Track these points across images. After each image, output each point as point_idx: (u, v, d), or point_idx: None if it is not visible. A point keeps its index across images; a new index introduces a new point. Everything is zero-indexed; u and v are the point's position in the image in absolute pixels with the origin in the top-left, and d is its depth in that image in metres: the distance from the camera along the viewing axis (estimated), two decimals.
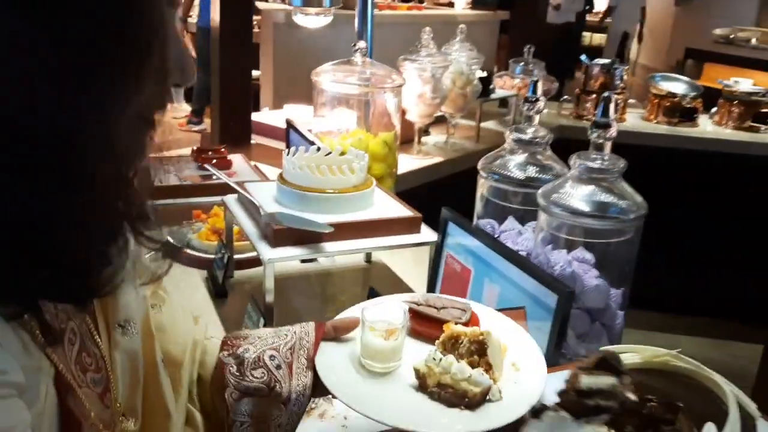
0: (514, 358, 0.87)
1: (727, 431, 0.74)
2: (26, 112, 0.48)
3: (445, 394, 0.78)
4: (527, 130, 1.20)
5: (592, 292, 1.05)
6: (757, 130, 3.39)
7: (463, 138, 2.86)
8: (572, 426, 0.74)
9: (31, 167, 0.50)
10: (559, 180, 1.09)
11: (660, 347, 0.88)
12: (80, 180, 0.52)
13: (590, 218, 1.05)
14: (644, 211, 1.05)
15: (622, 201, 1.05)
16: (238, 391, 0.80)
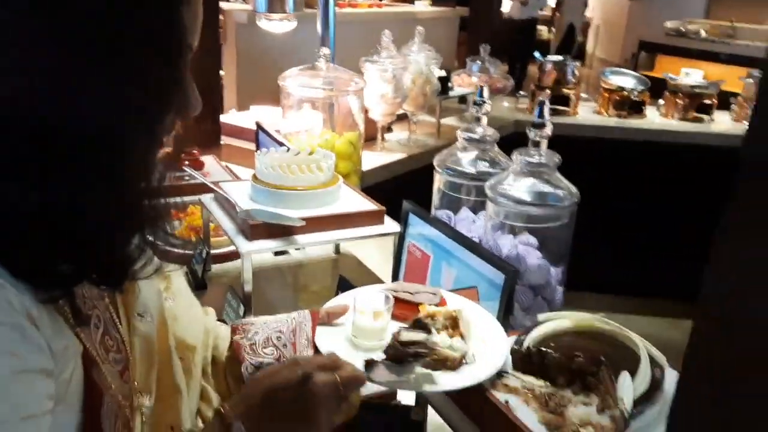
0: (479, 329, 1.01)
1: (638, 377, 0.90)
2: (69, 116, 0.59)
3: (429, 360, 0.92)
4: (476, 130, 1.34)
5: (535, 271, 1.20)
6: (701, 120, 3.60)
7: (424, 134, 3.00)
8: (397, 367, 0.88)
9: (69, 164, 0.60)
10: (503, 174, 1.24)
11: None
12: (112, 177, 0.63)
13: (531, 206, 1.20)
14: (577, 199, 1.20)
15: (558, 190, 1.20)
16: (253, 366, 0.93)
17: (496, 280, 1.19)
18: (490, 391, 0.93)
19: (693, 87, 3.66)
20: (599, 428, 0.87)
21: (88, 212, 0.62)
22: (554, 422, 0.88)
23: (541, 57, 3.66)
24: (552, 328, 1.01)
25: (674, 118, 3.66)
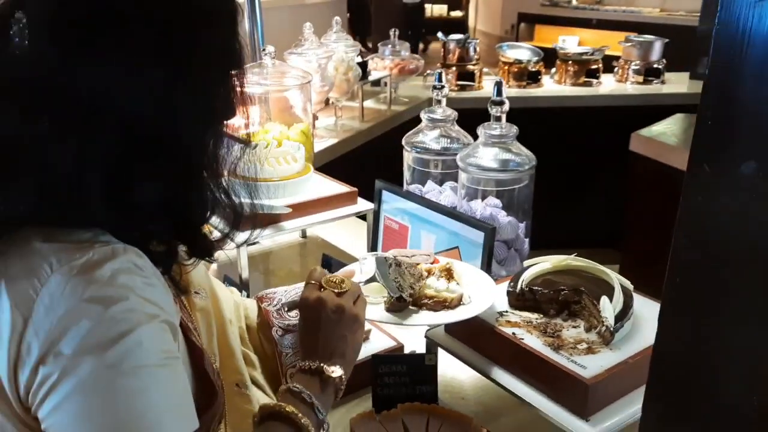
0: (470, 278, 1.21)
1: (615, 300, 1.11)
2: (175, 130, 0.73)
3: (431, 303, 1.11)
4: (437, 111, 1.52)
5: (507, 227, 1.40)
6: (590, 84, 3.96)
7: (349, 119, 3.16)
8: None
9: (172, 169, 0.74)
10: (471, 146, 1.43)
11: None
12: (201, 177, 0.77)
13: (497, 172, 1.40)
14: (534, 162, 1.41)
15: (518, 157, 1.40)
16: (281, 329, 1.07)
17: (476, 239, 1.38)
18: (497, 328, 1.13)
19: (581, 54, 4.00)
20: (590, 342, 1.08)
21: (193, 201, 0.77)
22: (555, 344, 1.08)
23: (443, 36, 3.88)
24: (537, 271, 1.22)
25: (567, 84, 4.00)
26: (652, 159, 2.83)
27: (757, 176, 0.68)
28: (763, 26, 0.64)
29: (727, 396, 0.76)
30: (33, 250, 0.66)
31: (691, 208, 0.78)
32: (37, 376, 0.64)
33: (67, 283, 0.64)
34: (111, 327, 0.64)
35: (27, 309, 0.64)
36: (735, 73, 0.69)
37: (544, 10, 8.58)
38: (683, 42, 4.33)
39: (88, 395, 0.63)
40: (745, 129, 0.69)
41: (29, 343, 0.64)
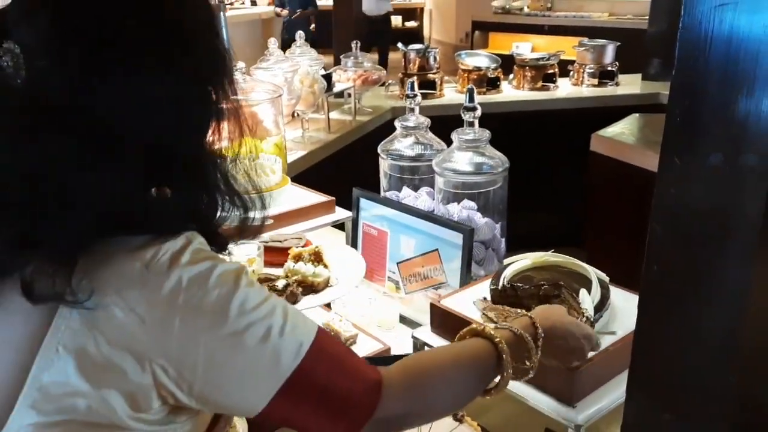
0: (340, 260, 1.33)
1: (593, 292, 1.17)
2: (185, 141, 0.75)
3: (299, 287, 1.21)
4: (410, 119, 1.57)
5: (484, 228, 1.45)
6: (547, 88, 4.06)
7: (315, 130, 3.19)
8: None
9: (187, 174, 0.76)
10: (446, 151, 1.48)
11: None
12: (208, 179, 0.79)
13: (473, 175, 1.45)
14: (507, 165, 1.46)
15: (491, 160, 1.46)
16: None
17: (455, 240, 1.43)
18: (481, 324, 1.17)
19: (537, 60, 4.10)
20: None
21: (209, 200, 0.79)
22: None
23: (404, 47, 3.94)
24: (517, 268, 1.27)
25: (525, 89, 4.10)
26: (612, 158, 2.93)
27: (724, 167, 0.74)
28: (723, 29, 0.70)
29: (706, 376, 0.81)
30: (116, 260, 0.68)
31: (664, 200, 0.83)
32: (170, 371, 0.68)
33: (165, 278, 0.68)
34: (219, 296, 0.69)
35: (140, 311, 0.67)
36: (699, 72, 0.75)
37: (497, 17, 8.74)
38: (632, 45, 4.47)
39: (232, 358, 0.69)
40: (711, 124, 0.75)
41: (151, 342, 0.67)
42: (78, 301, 0.65)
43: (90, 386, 0.66)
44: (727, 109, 0.73)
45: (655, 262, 0.84)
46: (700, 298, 0.79)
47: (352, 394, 0.75)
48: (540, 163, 3.86)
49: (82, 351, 0.66)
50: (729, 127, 0.72)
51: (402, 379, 0.81)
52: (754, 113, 0.69)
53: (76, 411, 0.67)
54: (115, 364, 0.66)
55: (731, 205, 0.73)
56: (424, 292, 1.51)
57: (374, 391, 0.76)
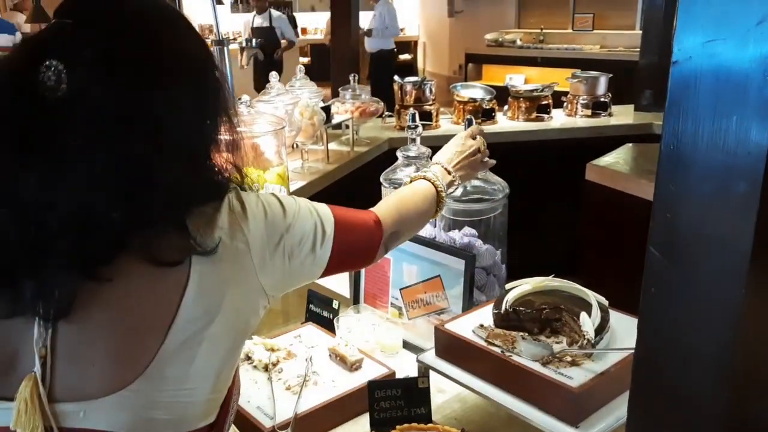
0: None
1: (593, 315, 1.21)
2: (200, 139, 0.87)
3: None
4: (412, 149, 1.61)
5: (485, 254, 1.49)
6: (542, 119, 4.13)
7: (314, 161, 3.24)
8: None
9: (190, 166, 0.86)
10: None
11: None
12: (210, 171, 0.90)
13: (474, 202, 1.49)
14: (507, 191, 1.51)
15: (492, 186, 1.50)
16: None
17: (456, 267, 1.46)
18: (486, 347, 1.20)
19: (531, 91, 4.18)
20: (573, 355, 1.16)
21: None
22: (543, 359, 1.16)
23: (400, 79, 4.02)
24: (519, 293, 1.30)
25: (520, 120, 4.17)
26: (606, 186, 2.98)
27: (716, 194, 0.78)
28: (713, 63, 0.75)
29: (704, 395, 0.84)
30: (209, 218, 0.86)
31: (660, 225, 0.87)
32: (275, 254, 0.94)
33: (245, 217, 0.90)
34: (276, 203, 0.96)
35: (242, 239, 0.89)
36: (691, 104, 0.80)
37: (490, 50, 8.88)
38: (624, 76, 4.56)
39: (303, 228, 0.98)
40: (703, 153, 0.79)
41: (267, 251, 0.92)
42: (206, 248, 0.83)
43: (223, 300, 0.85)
44: (719, 138, 0.77)
45: (652, 285, 0.88)
46: (696, 320, 0.83)
47: (367, 235, 1.12)
48: (536, 192, 3.91)
49: (215, 282, 0.85)
50: (720, 156, 0.77)
51: (389, 214, 1.17)
52: (743, 142, 0.74)
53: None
54: (236, 282, 0.87)
55: (723, 230, 0.77)
56: (426, 317, 1.54)
57: (378, 228, 1.13)
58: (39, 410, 0.77)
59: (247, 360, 1.44)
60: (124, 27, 0.82)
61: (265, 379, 1.37)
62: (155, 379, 0.80)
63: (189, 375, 0.83)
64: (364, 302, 1.71)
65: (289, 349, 1.48)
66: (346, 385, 1.34)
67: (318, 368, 1.41)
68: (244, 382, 1.36)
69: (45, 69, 0.76)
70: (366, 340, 1.53)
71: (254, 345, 1.46)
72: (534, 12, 9.17)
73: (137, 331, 0.81)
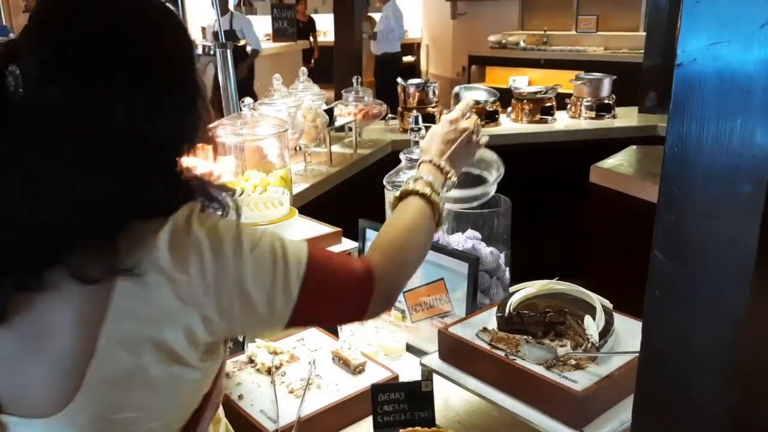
0: None
1: (597, 318, 1.20)
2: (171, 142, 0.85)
3: None
4: (415, 151, 1.61)
5: (489, 257, 1.48)
6: (545, 121, 4.13)
7: (317, 164, 3.24)
8: None
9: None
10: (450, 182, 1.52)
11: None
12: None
13: (477, 207, 1.49)
14: (509, 203, 1.50)
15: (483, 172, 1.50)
16: None
17: (459, 270, 1.46)
18: (490, 350, 1.20)
19: (535, 93, 4.18)
20: (577, 359, 1.16)
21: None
22: (547, 362, 1.16)
23: (403, 82, 4.02)
24: (522, 296, 1.30)
25: (523, 121, 4.16)
26: (610, 189, 2.97)
27: (721, 195, 0.78)
28: (717, 65, 0.74)
29: (708, 396, 0.84)
30: (146, 238, 0.80)
31: (664, 227, 0.87)
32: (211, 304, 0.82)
33: (188, 238, 0.82)
34: (231, 236, 0.84)
35: (176, 269, 0.80)
36: (696, 106, 0.79)
37: (493, 52, 8.88)
38: (628, 78, 4.55)
39: (254, 275, 0.84)
40: (708, 155, 0.79)
41: (199, 285, 0.81)
42: (130, 271, 0.77)
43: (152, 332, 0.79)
44: (723, 140, 0.77)
45: (657, 288, 0.87)
46: (700, 322, 0.82)
47: (348, 285, 0.93)
48: (540, 194, 3.90)
49: (141, 310, 0.78)
50: (725, 158, 0.76)
51: (385, 258, 0.99)
52: (748, 144, 0.73)
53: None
54: (166, 315, 0.79)
55: (728, 233, 0.77)
56: (430, 320, 1.54)
57: (368, 277, 0.94)
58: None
59: (249, 363, 1.44)
60: (88, 29, 0.78)
61: (268, 382, 1.37)
62: (93, 400, 0.78)
63: (128, 399, 0.80)
64: None
65: (292, 352, 1.48)
66: (349, 389, 1.34)
67: (321, 371, 1.40)
68: (246, 386, 1.36)
69: (9, 74, 0.77)
70: (369, 343, 1.53)
71: (257, 348, 1.46)
72: (537, 14, 9.17)
73: (68, 348, 0.78)
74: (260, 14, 9.03)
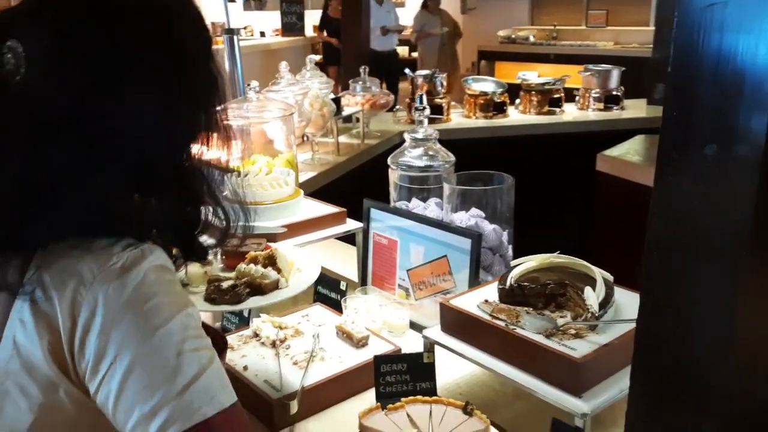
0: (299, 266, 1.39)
1: (597, 290, 1.21)
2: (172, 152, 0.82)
3: (247, 288, 1.27)
4: (419, 131, 1.62)
5: (491, 234, 1.49)
6: (554, 113, 4.13)
7: (325, 153, 3.25)
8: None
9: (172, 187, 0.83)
10: (454, 162, 1.53)
11: None
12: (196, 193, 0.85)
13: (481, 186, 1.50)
14: (512, 180, 1.51)
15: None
16: None
17: (463, 246, 1.47)
18: (491, 321, 1.21)
19: (543, 85, 4.18)
20: (577, 328, 1.17)
21: (193, 211, 0.85)
22: (547, 332, 1.17)
23: (411, 73, 4.03)
24: (524, 269, 1.31)
25: (531, 113, 4.16)
26: (617, 177, 2.97)
27: (718, 157, 0.78)
28: (715, 28, 0.75)
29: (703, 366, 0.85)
30: (75, 260, 0.73)
31: (663, 191, 0.88)
32: (89, 369, 0.72)
33: (108, 286, 0.72)
34: (148, 321, 0.72)
35: (76, 311, 0.71)
36: (693, 68, 0.80)
37: (503, 47, 8.88)
38: (637, 71, 4.54)
39: (138, 379, 0.70)
40: (705, 117, 0.80)
41: (80, 340, 0.71)
42: (24, 292, 0.71)
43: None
44: (718, 102, 0.78)
45: (654, 250, 0.88)
46: (698, 288, 0.83)
47: None
48: (548, 185, 3.91)
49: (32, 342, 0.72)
50: (722, 120, 0.77)
51: None
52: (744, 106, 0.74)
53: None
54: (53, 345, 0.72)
55: (726, 194, 0.78)
56: (433, 298, 1.55)
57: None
58: None
59: (254, 337, 1.46)
60: (103, 12, 0.74)
61: (273, 354, 1.39)
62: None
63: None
64: (372, 284, 1.72)
65: (297, 327, 1.49)
66: (352, 361, 1.35)
67: (325, 345, 1.42)
68: (251, 358, 1.38)
69: (7, 50, 0.72)
70: (373, 320, 1.54)
71: (262, 323, 1.48)
72: (547, 8, 9.16)
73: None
74: (269, 9, 9.04)
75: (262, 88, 2.89)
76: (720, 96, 0.78)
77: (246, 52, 6.83)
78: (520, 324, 1.19)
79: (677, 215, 0.86)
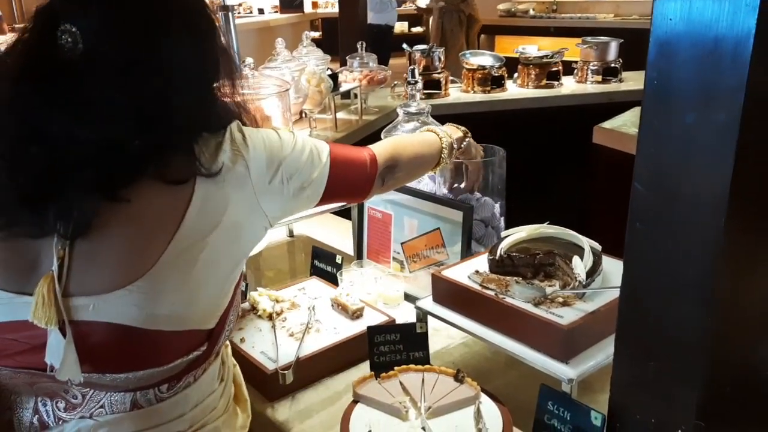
0: None
1: (585, 258, 1.23)
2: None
3: None
4: (412, 104, 1.64)
5: (483, 206, 1.51)
6: (552, 86, 4.12)
7: (322, 129, 3.26)
8: None
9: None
10: None
11: None
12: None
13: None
14: (503, 152, 1.53)
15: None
16: None
17: (455, 219, 1.49)
18: (481, 291, 1.23)
19: (541, 58, 4.16)
20: (565, 297, 1.19)
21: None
22: (535, 300, 1.19)
23: (408, 48, 4.01)
24: (513, 239, 1.33)
25: (529, 87, 4.15)
26: (614, 149, 2.98)
27: (697, 125, 0.80)
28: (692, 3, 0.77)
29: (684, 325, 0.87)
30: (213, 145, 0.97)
31: (644, 159, 0.90)
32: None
33: (246, 148, 1.00)
34: (277, 138, 1.07)
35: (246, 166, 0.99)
36: (673, 37, 0.82)
37: (502, 20, 8.80)
38: (638, 43, 4.50)
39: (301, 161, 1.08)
40: (684, 86, 0.81)
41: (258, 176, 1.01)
42: (210, 170, 0.94)
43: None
44: (697, 72, 0.79)
45: (637, 219, 0.90)
46: (679, 249, 0.85)
47: (361, 166, 1.21)
48: (546, 159, 3.92)
49: (220, 198, 0.96)
50: (701, 90, 0.79)
51: (385, 149, 1.27)
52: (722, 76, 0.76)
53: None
54: (239, 194, 0.98)
55: (705, 160, 0.80)
56: (427, 269, 1.57)
57: (373, 161, 1.22)
58: (54, 304, 0.85)
59: (252, 310, 1.49)
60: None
61: (269, 327, 1.41)
62: (158, 278, 0.89)
63: (189, 278, 0.91)
64: (367, 258, 1.74)
65: (293, 300, 1.52)
66: (347, 332, 1.38)
67: (320, 317, 1.45)
68: (248, 330, 1.41)
69: (61, 33, 0.86)
70: (368, 292, 1.57)
71: (259, 296, 1.50)
72: None
73: (146, 238, 0.90)
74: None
75: (259, 65, 2.89)
76: (698, 67, 0.79)
77: (244, 29, 6.82)
78: (509, 293, 1.21)
79: (659, 183, 0.88)
